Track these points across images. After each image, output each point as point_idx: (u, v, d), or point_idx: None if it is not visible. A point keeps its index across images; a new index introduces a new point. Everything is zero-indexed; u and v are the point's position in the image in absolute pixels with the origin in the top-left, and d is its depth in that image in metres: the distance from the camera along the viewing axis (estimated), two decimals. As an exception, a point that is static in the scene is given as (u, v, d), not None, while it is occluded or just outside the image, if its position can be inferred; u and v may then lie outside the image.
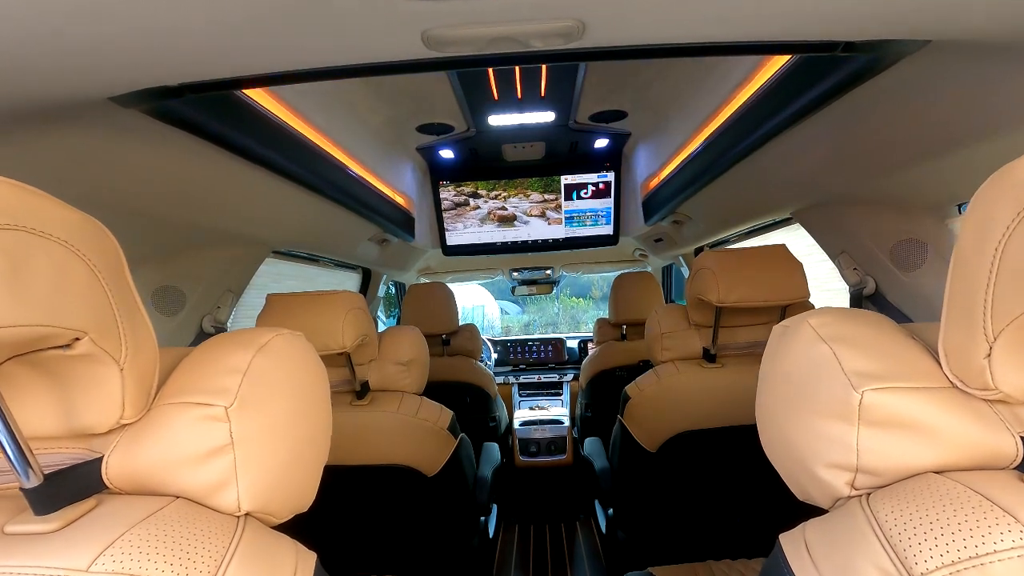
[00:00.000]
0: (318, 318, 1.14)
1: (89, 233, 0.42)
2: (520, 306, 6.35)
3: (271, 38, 0.54)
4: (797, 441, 0.49)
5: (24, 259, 0.36)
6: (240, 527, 0.45)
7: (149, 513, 0.42)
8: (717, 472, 1.32)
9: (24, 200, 0.38)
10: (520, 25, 0.53)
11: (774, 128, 1.07)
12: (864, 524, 0.40)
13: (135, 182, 0.91)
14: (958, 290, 0.42)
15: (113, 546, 0.38)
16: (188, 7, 0.47)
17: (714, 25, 0.55)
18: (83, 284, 0.40)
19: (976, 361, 0.40)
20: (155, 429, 0.46)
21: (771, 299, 1.21)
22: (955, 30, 0.58)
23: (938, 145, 0.89)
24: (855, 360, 0.45)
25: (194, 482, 0.45)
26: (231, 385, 0.47)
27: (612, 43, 0.59)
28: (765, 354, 0.56)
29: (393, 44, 0.57)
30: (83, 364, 0.42)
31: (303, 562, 0.48)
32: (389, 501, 1.31)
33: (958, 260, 0.42)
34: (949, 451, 0.42)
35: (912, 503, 0.39)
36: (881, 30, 0.57)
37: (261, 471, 0.47)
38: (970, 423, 0.42)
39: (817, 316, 0.51)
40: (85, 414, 0.44)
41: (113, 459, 0.45)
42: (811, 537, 0.44)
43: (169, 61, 0.56)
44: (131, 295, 0.46)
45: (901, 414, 0.42)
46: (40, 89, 0.57)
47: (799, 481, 0.50)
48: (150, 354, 0.47)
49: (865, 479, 0.44)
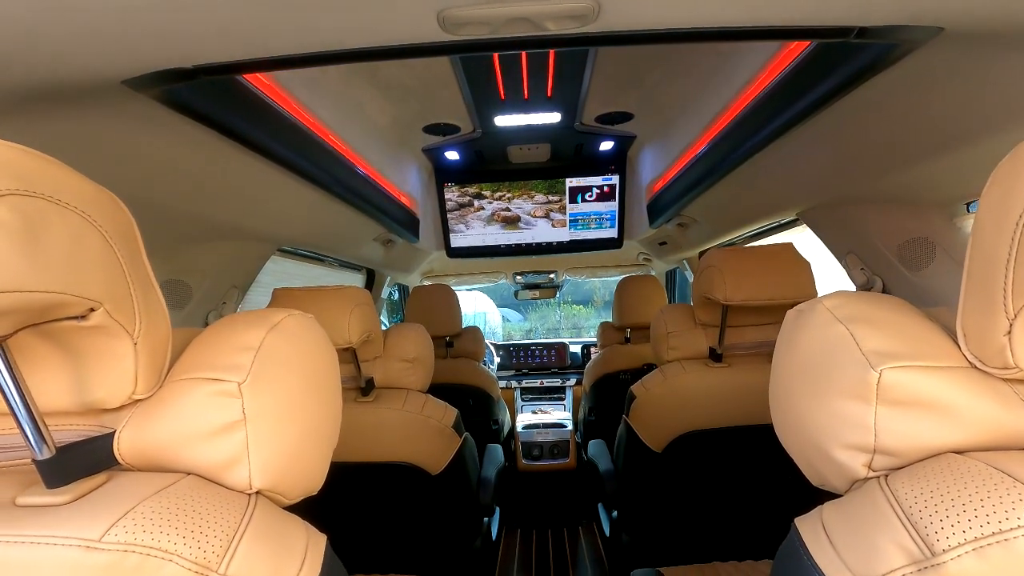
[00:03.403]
0: (324, 313, 1.13)
1: (105, 205, 0.43)
2: (522, 313, 6.34)
3: (286, 18, 0.54)
4: (812, 423, 0.48)
5: (41, 225, 0.36)
6: (252, 504, 0.44)
7: (161, 488, 0.42)
8: (724, 472, 1.31)
9: (41, 167, 0.38)
10: (535, 4, 0.54)
11: (780, 127, 1.07)
12: (884, 504, 0.40)
13: (144, 171, 0.91)
14: (977, 268, 0.41)
15: (125, 518, 0.38)
16: None
17: (729, 9, 0.55)
18: (98, 254, 0.40)
19: (996, 340, 0.40)
20: (167, 405, 0.46)
21: (778, 297, 1.20)
22: (969, 18, 0.58)
23: (946, 142, 0.89)
24: (872, 339, 0.45)
25: (206, 458, 0.45)
26: (244, 362, 0.47)
27: (626, 27, 0.60)
28: (778, 340, 0.56)
29: (408, 25, 0.57)
30: (97, 336, 0.42)
31: (314, 543, 0.48)
32: (393, 499, 1.30)
33: (977, 237, 0.42)
34: (969, 431, 0.41)
35: (932, 482, 0.39)
36: (895, 15, 0.57)
37: (273, 449, 0.47)
38: (990, 403, 0.41)
39: (832, 298, 0.50)
40: (97, 388, 0.44)
41: (125, 435, 0.45)
42: (829, 519, 0.44)
43: (184, 42, 0.57)
44: (145, 270, 0.46)
45: (920, 393, 0.42)
46: (55, 68, 0.57)
47: (814, 465, 0.49)
48: (163, 330, 0.47)
49: (883, 460, 0.43)
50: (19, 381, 0.38)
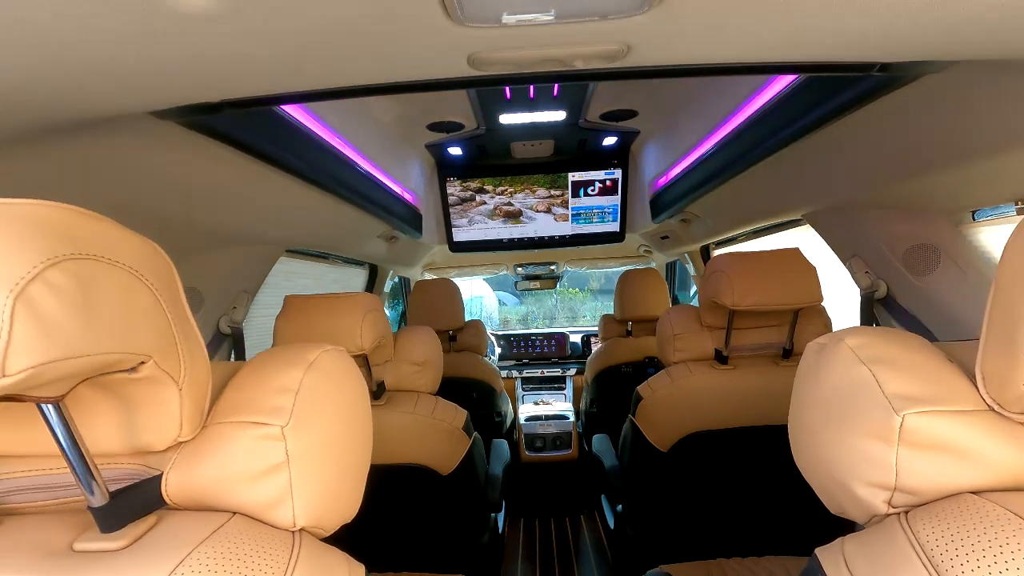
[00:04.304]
0: (337, 320, 1.14)
1: (149, 257, 0.43)
2: (518, 297, 6.34)
3: (319, 59, 0.54)
4: (835, 459, 0.50)
5: (94, 286, 0.37)
6: (297, 542, 0.46)
7: (212, 530, 0.43)
8: (728, 471, 1.35)
9: (90, 226, 0.39)
10: (566, 48, 0.54)
11: (790, 135, 1.08)
12: (904, 542, 0.42)
13: (156, 185, 0.91)
14: (998, 317, 0.43)
15: (183, 564, 0.39)
16: (243, 35, 0.47)
17: (754, 47, 0.56)
18: (147, 308, 0.41)
19: (1016, 388, 0.41)
20: (212, 447, 0.47)
21: (785, 303, 1.22)
22: (981, 50, 0.59)
23: (952, 156, 0.91)
24: (894, 382, 0.46)
25: (251, 499, 0.46)
26: (285, 404, 0.48)
27: (653, 63, 0.60)
28: (799, 371, 0.58)
29: (438, 65, 0.58)
30: (145, 385, 0.43)
31: (354, 573, 0.50)
32: (404, 499, 1.33)
33: (999, 287, 0.43)
34: (987, 473, 0.43)
35: (953, 523, 0.41)
36: (916, 52, 0.58)
37: (314, 487, 0.49)
38: (1008, 446, 0.43)
39: (854, 336, 0.52)
40: (144, 433, 0.45)
41: (172, 476, 0.46)
42: (850, 553, 0.46)
43: (215, 80, 0.57)
44: (186, 316, 0.47)
45: (942, 437, 0.44)
46: (84, 105, 0.57)
47: (835, 497, 0.51)
48: (204, 372, 0.48)
49: (903, 498, 0.45)
50: (76, 438, 0.39)
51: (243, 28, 0.47)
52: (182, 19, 0.46)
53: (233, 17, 0.46)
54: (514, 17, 0.47)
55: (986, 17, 0.50)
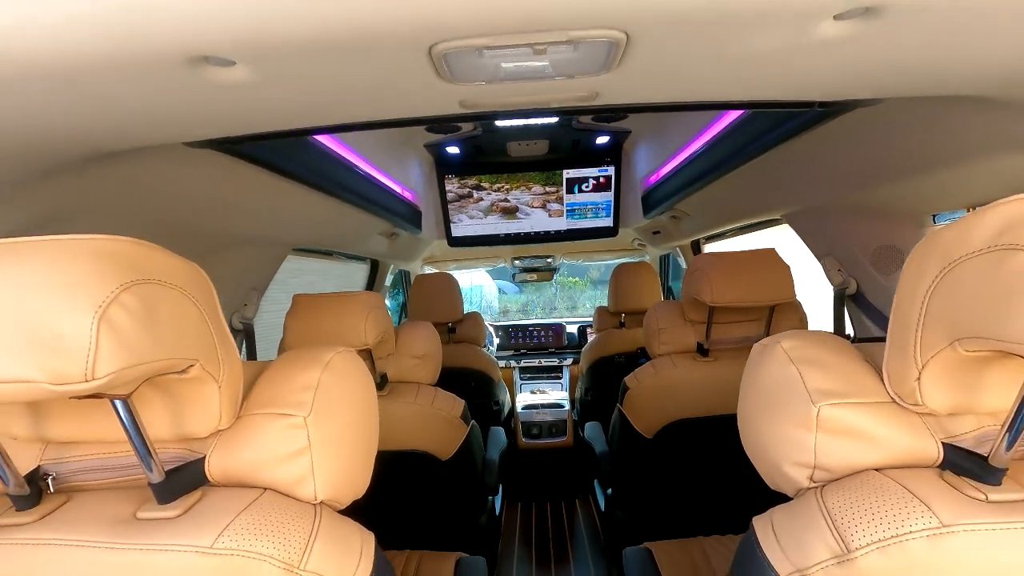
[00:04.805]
0: (342, 317, 1.23)
1: (194, 278, 0.52)
2: (518, 286, 6.42)
3: (328, 106, 0.63)
4: (769, 443, 0.59)
5: (155, 305, 0.46)
6: (318, 513, 0.55)
7: (248, 503, 0.52)
8: (707, 457, 1.44)
9: (147, 255, 0.48)
10: (543, 95, 0.62)
11: (771, 140, 1.16)
12: (816, 511, 0.51)
13: (172, 197, 0.99)
14: (897, 327, 0.52)
15: (229, 528, 0.49)
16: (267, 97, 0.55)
17: (708, 88, 0.64)
18: (194, 321, 0.50)
19: (909, 383, 0.51)
20: (246, 434, 0.56)
21: (761, 300, 1.31)
22: (909, 90, 0.67)
23: (914, 166, 0.99)
24: (815, 379, 0.56)
25: (280, 477, 0.56)
26: (306, 398, 0.57)
27: (620, 102, 0.68)
28: (746, 370, 0.67)
29: (432, 107, 0.66)
30: (192, 384, 0.52)
31: (366, 541, 0.60)
32: (406, 483, 1.43)
33: (898, 304, 0.52)
34: (888, 453, 0.52)
35: (854, 494, 0.50)
36: (846, 93, 0.67)
37: (331, 467, 0.58)
38: (904, 431, 0.52)
39: (789, 340, 0.61)
40: (190, 423, 0.54)
41: (213, 458, 0.56)
42: (776, 520, 0.55)
43: (242, 123, 0.65)
44: (223, 325, 0.56)
45: (850, 424, 0.53)
46: (132, 141, 0.66)
47: (770, 474, 0.61)
48: (238, 371, 0.57)
49: (821, 474, 0.55)
50: (140, 427, 0.48)
51: (268, 92, 0.56)
52: (218, 87, 0.54)
53: (262, 84, 0.54)
54: (496, 81, 0.55)
55: (897, 64, 0.58)
